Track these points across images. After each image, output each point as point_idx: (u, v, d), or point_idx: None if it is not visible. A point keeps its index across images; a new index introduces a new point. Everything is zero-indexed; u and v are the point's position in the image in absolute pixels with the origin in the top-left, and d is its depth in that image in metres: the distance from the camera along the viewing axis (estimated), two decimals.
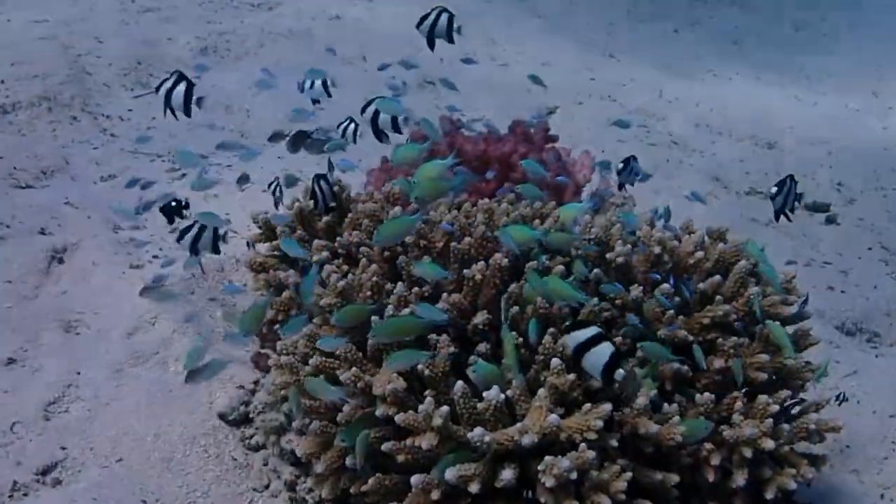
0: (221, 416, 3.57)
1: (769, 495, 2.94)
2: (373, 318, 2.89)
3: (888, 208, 6.34)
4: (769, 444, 2.88)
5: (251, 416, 3.55)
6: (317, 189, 3.43)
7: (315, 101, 3.83)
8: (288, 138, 3.56)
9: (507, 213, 3.30)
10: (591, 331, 2.70)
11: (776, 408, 2.96)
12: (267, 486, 3.36)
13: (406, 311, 2.91)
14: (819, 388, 3.34)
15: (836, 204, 6.20)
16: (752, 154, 6.92)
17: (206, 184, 3.96)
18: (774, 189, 3.49)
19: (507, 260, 3.01)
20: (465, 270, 3.02)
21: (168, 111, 3.50)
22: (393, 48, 6.82)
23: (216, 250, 3.55)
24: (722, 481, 2.94)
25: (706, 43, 9.04)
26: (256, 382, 3.62)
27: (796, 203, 3.49)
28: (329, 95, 3.80)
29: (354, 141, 3.69)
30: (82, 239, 4.47)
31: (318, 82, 3.78)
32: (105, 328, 3.98)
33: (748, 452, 2.87)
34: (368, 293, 3.00)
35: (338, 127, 3.73)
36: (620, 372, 2.74)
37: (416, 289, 3.01)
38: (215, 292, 4.27)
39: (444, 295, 3.01)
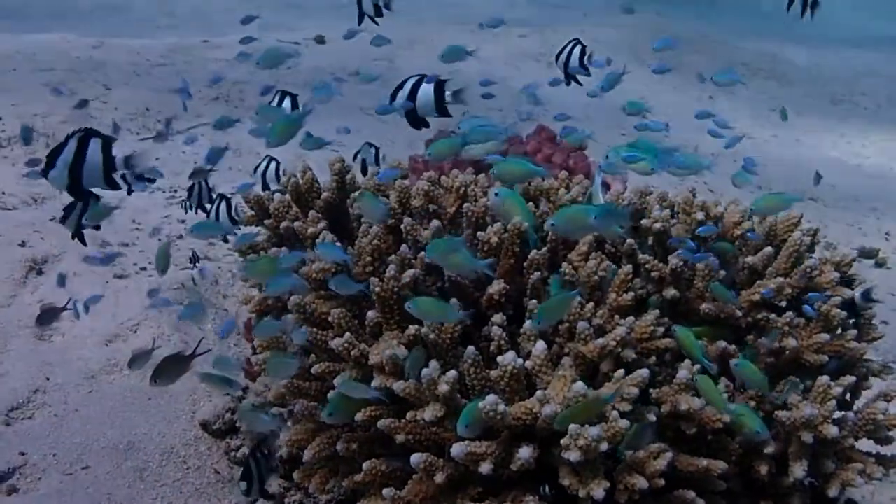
0: (204, 426, 3.19)
1: (832, 492, 2.48)
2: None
3: None
4: (832, 430, 2.41)
5: (238, 425, 3.16)
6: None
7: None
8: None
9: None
10: None
11: (839, 390, 2.52)
12: (253, 502, 2.96)
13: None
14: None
15: (884, 251, 5.83)
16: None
17: None
18: None
19: (528, 224, 2.61)
20: (478, 233, 2.63)
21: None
22: None
23: None
24: (776, 478, 2.50)
25: (741, 108, 8.79)
26: (245, 389, 3.22)
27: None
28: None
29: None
30: (65, 251, 4.12)
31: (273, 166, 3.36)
32: (81, 335, 3.63)
33: (808, 438, 2.41)
34: (368, 259, 2.61)
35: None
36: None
37: (422, 253, 2.62)
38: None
39: None
